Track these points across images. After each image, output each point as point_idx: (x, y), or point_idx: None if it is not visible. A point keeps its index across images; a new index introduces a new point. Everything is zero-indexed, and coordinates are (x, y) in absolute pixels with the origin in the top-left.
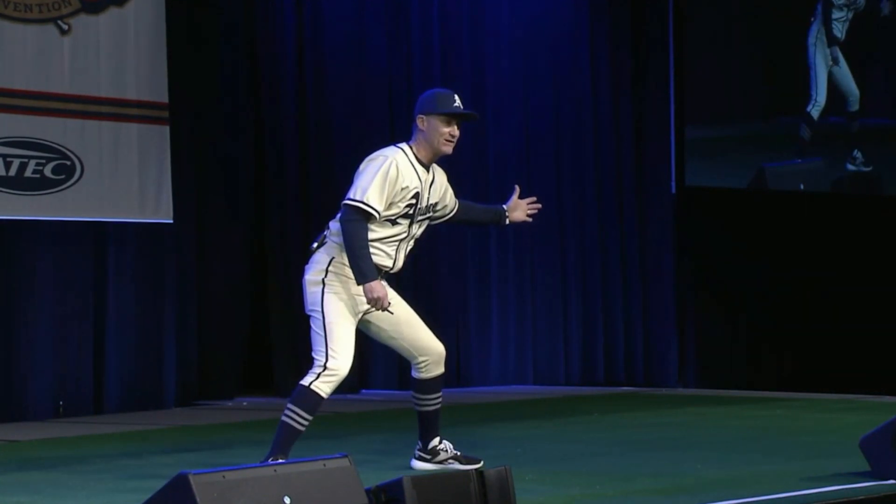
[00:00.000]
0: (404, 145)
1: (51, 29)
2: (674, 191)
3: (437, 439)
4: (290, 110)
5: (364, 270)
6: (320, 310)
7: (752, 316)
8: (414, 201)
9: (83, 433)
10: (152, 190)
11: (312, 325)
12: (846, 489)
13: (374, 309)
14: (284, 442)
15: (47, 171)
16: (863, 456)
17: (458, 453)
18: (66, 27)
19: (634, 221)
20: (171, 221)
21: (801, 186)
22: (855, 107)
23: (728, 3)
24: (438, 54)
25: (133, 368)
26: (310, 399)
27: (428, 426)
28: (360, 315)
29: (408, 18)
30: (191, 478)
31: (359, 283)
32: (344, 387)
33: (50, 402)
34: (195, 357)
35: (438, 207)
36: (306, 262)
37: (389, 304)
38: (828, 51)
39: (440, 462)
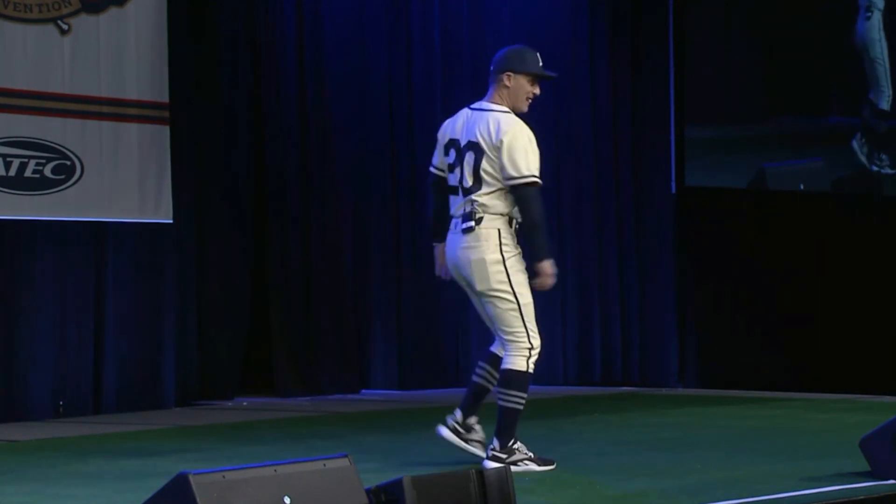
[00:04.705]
0: (507, 110)
1: (51, 29)
2: (674, 191)
3: (474, 418)
4: (291, 110)
5: (549, 246)
6: (511, 290)
7: (752, 316)
8: None
9: (83, 433)
10: (152, 190)
11: (498, 304)
12: (846, 489)
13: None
14: (514, 426)
15: (47, 171)
16: (863, 456)
17: (483, 441)
18: (66, 27)
19: (634, 221)
20: (171, 221)
21: (801, 186)
22: (885, 105)
23: (728, 2)
24: (438, 54)
25: (133, 368)
26: (525, 380)
27: (477, 399)
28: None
29: (408, 18)
30: (191, 478)
31: (543, 259)
32: (344, 387)
33: (50, 402)
34: (195, 357)
35: None
36: (460, 241)
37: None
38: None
39: (466, 440)
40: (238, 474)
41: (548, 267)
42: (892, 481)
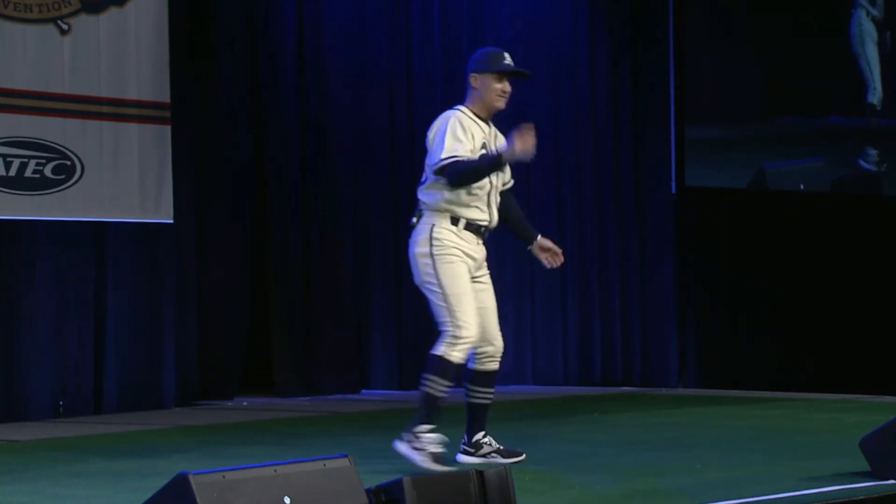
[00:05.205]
0: (460, 106)
1: (51, 29)
2: (674, 191)
3: (481, 434)
4: (291, 110)
5: (487, 160)
6: (437, 282)
7: (752, 316)
8: (484, 151)
9: (83, 433)
10: (153, 190)
11: (430, 296)
12: (846, 489)
13: (478, 272)
14: (427, 409)
15: (47, 171)
16: (863, 456)
17: (501, 447)
18: (66, 27)
19: (634, 221)
20: (172, 221)
21: (801, 186)
22: (872, 99)
23: (728, 2)
24: (438, 54)
25: (133, 368)
26: (443, 366)
27: (475, 419)
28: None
29: (408, 18)
30: (191, 478)
31: (504, 160)
32: (344, 387)
33: (50, 402)
34: (195, 357)
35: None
36: (409, 238)
37: (532, 139)
38: (872, 39)
39: (483, 455)
40: (238, 474)
41: (510, 152)
42: (892, 481)
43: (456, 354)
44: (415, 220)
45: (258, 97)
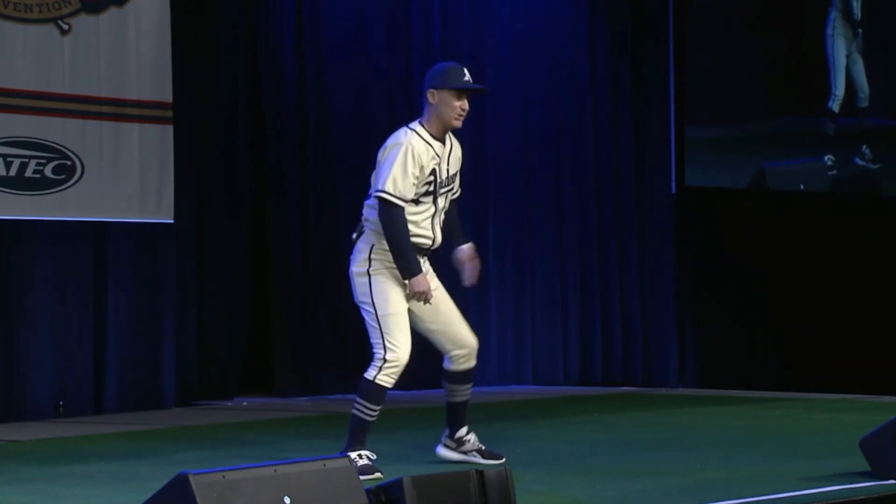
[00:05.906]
0: (416, 125)
1: (51, 29)
2: (674, 191)
3: (464, 430)
4: (291, 110)
5: (408, 266)
6: (371, 302)
7: (752, 316)
8: (432, 178)
9: (83, 433)
10: (153, 190)
11: (365, 316)
12: (846, 489)
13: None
14: (358, 434)
15: (47, 171)
16: (863, 456)
17: (483, 447)
18: (66, 27)
19: (634, 221)
20: (172, 221)
21: (801, 186)
22: (864, 104)
23: (728, 2)
24: (439, 54)
25: (133, 368)
26: (375, 392)
27: (456, 416)
28: (407, 300)
29: (408, 18)
30: (191, 478)
31: (404, 279)
32: (344, 387)
33: (50, 402)
34: (195, 357)
35: (455, 180)
36: (350, 253)
37: (431, 296)
38: (848, 41)
39: (464, 452)
40: (238, 474)
41: (412, 286)
42: (892, 481)
43: (388, 380)
44: (355, 236)
45: (258, 97)
